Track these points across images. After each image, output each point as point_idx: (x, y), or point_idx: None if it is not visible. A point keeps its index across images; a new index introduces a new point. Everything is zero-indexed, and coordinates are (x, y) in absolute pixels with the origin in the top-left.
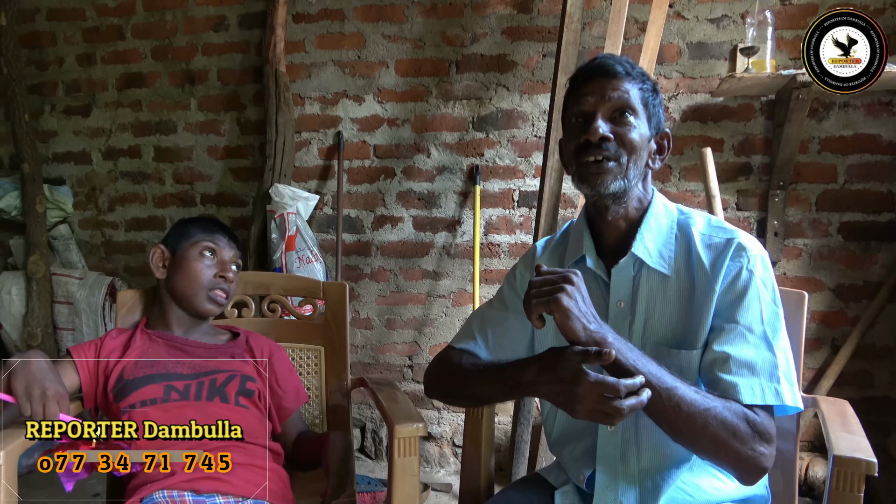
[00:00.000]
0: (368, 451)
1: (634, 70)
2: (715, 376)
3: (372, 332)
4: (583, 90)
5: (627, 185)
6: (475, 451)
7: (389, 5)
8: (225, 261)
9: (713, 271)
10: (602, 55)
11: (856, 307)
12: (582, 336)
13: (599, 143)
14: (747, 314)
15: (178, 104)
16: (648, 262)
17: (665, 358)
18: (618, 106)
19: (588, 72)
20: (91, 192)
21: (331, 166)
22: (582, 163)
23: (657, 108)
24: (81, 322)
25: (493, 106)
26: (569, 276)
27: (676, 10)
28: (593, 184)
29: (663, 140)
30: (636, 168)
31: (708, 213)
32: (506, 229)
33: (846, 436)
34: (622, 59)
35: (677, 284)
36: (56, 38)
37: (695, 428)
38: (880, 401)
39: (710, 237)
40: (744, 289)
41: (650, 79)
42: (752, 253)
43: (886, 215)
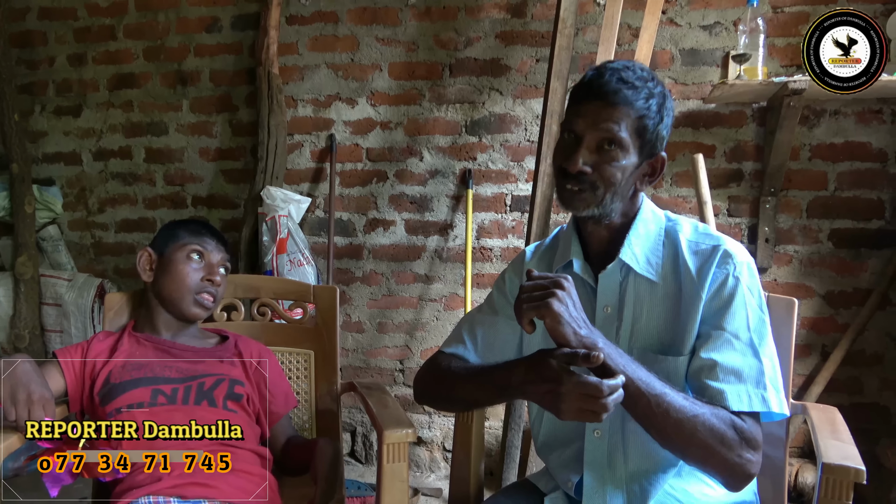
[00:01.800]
0: (359, 456)
1: (640, 94)
2: (702, 383)
3: (363, 336)
4: (580, 107)
5: (603, 211)
6: (465, 456)
7: (383, 8)
8: (212, 264)
9: (699, 278)
10: (611, 70)
11: (846, 314)
12: (573, 341)
13: (577, 175)
14: (734, 321)
15: (170, 105)
16: (636, 267)
17: (651, 364)
18: (605, 138)
19: (591, 89)
20: (81, 193)
21: (323, 169)
22: (561, 185)
23: (657, 131)
24: (70, 324)
25: (486, 110)
26: (560, 281)
27: (669, 17)
28: (568, 206)
29: (657, 163)
30: (614, 197)
31: (695, 220)
32: (498, 233)
33: (835, 443)
34: (628, 79)
35: (664, 290)
36: (47, 37)
37: (683, 434)
38: (870, 407)
39: (696, 244)
40: (730, 296)
41: (657, 94)
42: (739, 260)
43: (876, 222)
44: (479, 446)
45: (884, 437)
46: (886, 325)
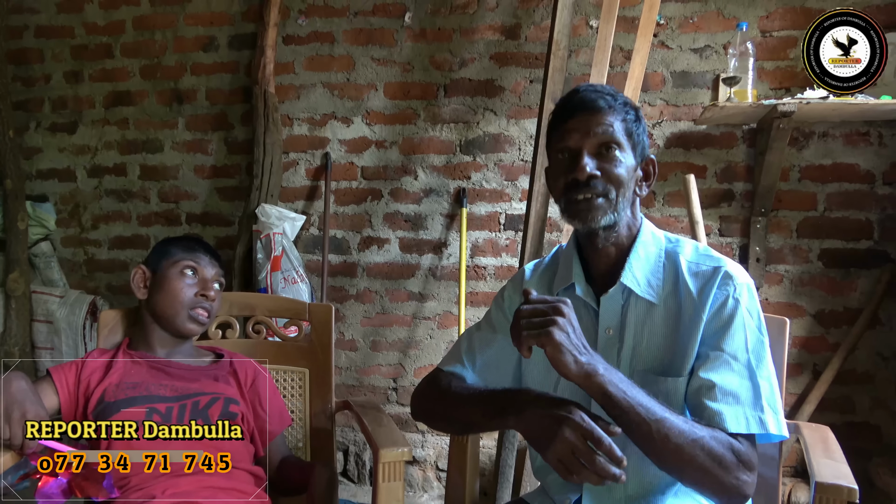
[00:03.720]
0: (351, 475)
1: (617, 101)
2: (700, 403)
3: (356, 354)
4: (567, 125)
5: (618, 217)
6: (459, 476)
7: (379, 29)
8: (206, 279)
9: (700, 299)
10: (584, 88)
11: (836, 333)
12: (573, 369)
13: (588, 182)
14: (733, 342)
15: (166, 123)
16: (637, 290)
17: (652, 385)
18: (603, 141)
19: (571, 106)
20: (74, 209)
21: (318, 187)
22: (572, 200)
23: (641, 135)
24: (61, 341)
25: (480, 130)
26: (559, 307)
27: (661, 40)
28: (584, 220)
29: (648, 166)
30: (625, 200)
31: (696, 241)
32: (492, 252)
33: (828, 462)
34: (604, 91)
35: (664, 312)
36: (44, 54)
37: (682, 458)
38: (861, 426)
39: (697, 265)
40: (730, 317)
41: (633, 106)
42: (739, 281)
43: (865, 243)
44: (474, 466)
45: (876, 456)
46: (877, 343)
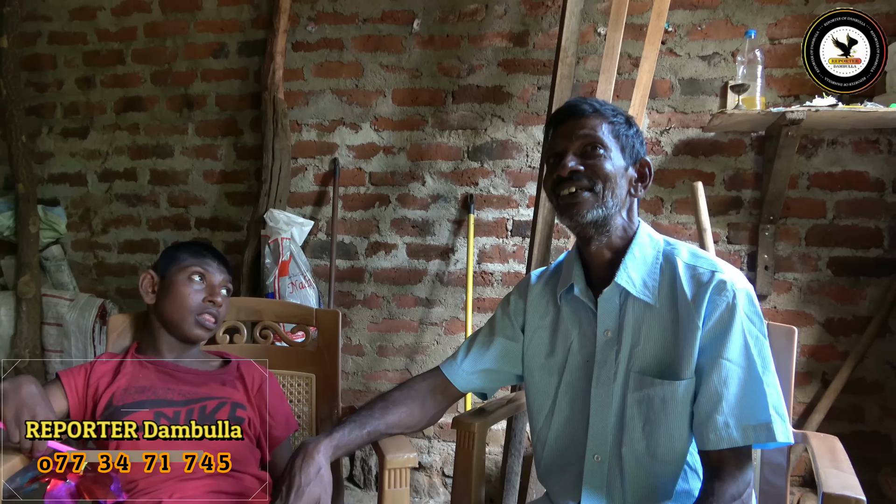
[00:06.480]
0: (357, 480)
1: (604, 107)
2: (707, 415)
3: (363, 359)
4: (555, 132)
5: (606, 212)
6: (465, 482)
7: (388, 36)
8: (214, 285)
9: (695, 303)
10: (575, 99)
11: (846, 341)
12: None
13: (570, 176)
14: (734, 350)
15: (176, 128)
16: (632, 290)
17: (648, 388)
18: (587, 142)
19: (559, 115)
20: (85, 213)
21: (326, 192)
22: (558, 196)
23: (632, 138)
24: (70, 344)
25: (487, 136)
26: None
27: (669, 47)
28: (570, 214)
29: (643, 168)
30: (614, 196)
31: (693, 246)
32: (499, 258)
33: (836, 473)
34: (591, 100)
35: (661, 313)
36: (56, 60)
37: None
38: (870, 436)
39: (694, 268)
40: (729, 324)
41: (622, 113)
42: (737, 287)
43: (875, 251)
44: (480, 473)
45: (885, 466)
46: (886, 352)
